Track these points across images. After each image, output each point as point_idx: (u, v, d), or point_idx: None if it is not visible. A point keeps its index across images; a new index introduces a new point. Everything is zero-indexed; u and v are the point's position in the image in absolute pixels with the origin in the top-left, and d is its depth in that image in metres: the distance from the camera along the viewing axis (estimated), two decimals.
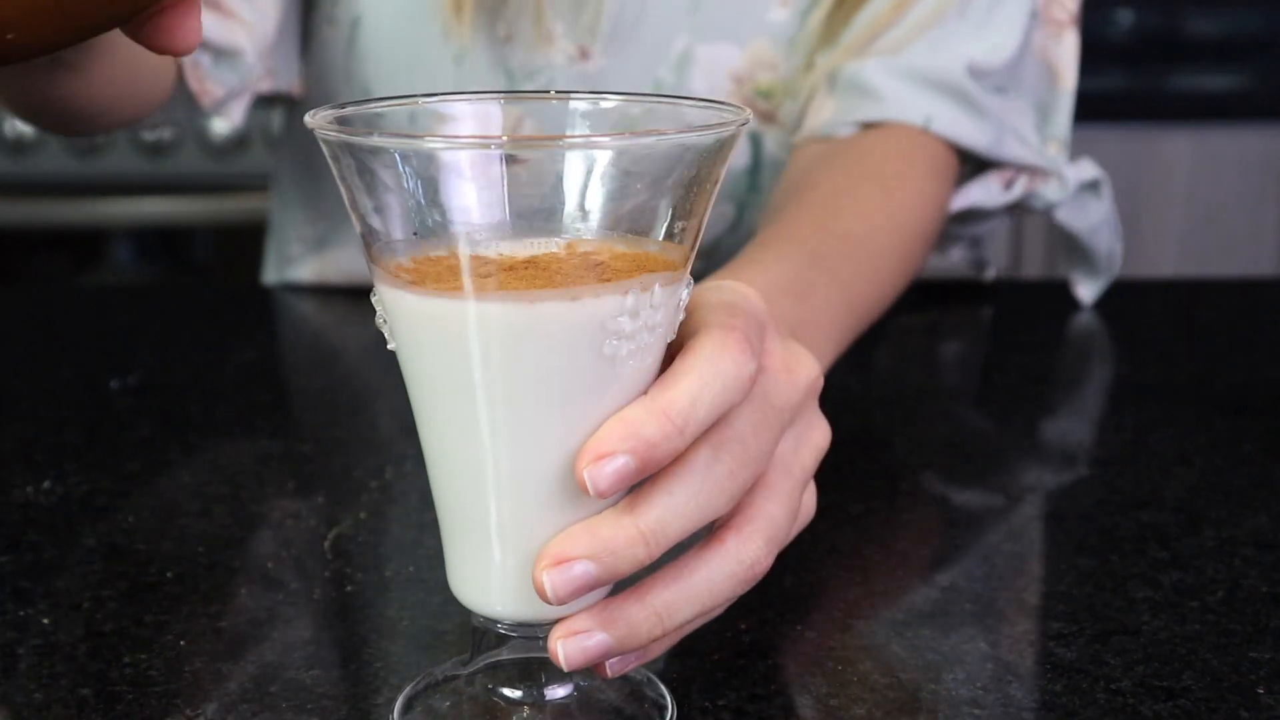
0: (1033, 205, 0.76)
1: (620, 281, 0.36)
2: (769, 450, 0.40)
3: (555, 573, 0.37)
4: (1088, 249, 0.80)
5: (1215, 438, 0.64)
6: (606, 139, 0.37)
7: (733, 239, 0.83)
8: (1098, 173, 0.79)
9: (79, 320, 0.84)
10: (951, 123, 0.72)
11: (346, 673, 0.44)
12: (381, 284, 0.38)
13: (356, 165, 0.37)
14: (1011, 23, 0.75)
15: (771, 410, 0.40)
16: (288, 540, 0.54)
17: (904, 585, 0.50)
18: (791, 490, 0.41)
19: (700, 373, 0.37)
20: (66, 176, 1.60)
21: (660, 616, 0.38)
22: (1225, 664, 0.45)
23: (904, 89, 0.72)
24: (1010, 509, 0.58)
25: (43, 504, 0.57)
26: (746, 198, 0.81)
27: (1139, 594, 0.50)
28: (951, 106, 0.72)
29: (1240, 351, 0.78)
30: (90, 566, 0.51)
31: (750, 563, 0.39)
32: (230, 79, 0.73)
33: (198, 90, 0.71)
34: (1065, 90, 0.79)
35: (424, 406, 0.39)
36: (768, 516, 0.40)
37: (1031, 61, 0.78)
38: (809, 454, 0.43)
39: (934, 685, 0.44)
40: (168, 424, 0.66)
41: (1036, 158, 0.75)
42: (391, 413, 0.67)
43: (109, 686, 0.43)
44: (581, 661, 0.38)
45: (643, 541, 0.37)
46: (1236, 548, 0.53)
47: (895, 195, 0.68)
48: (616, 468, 0.36)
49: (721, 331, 0.38)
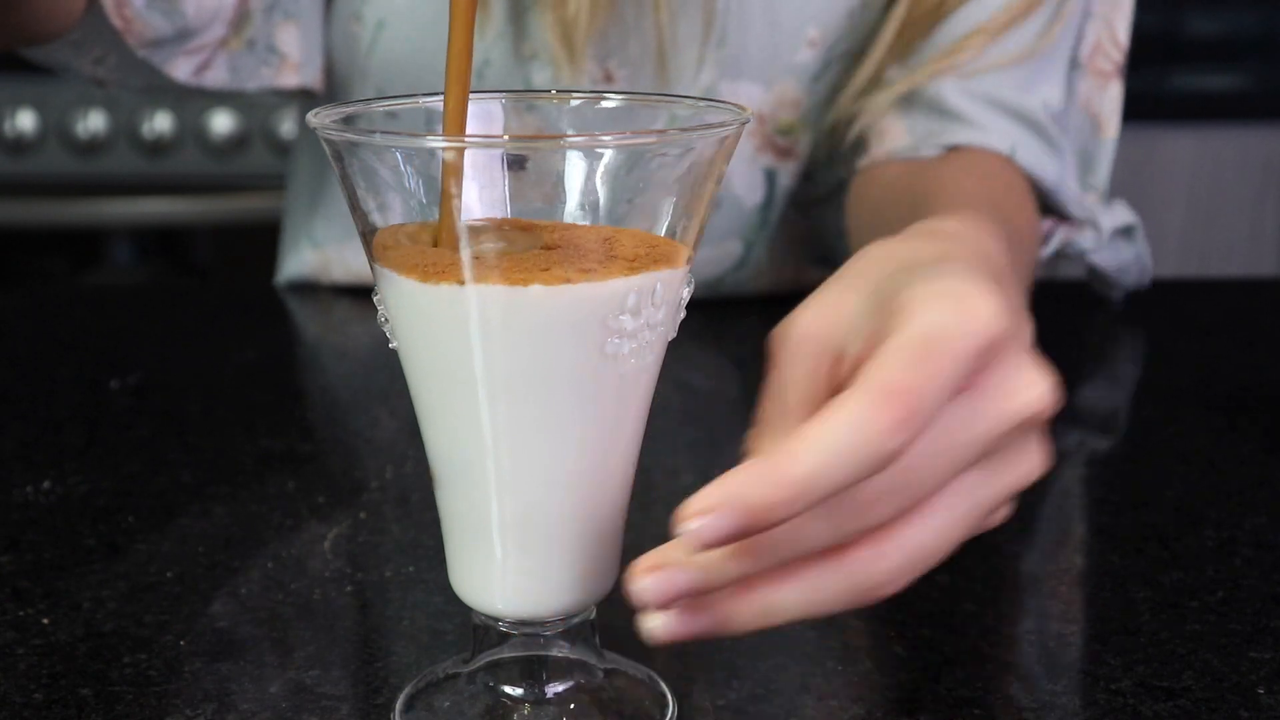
0: (1067, 253, 0.76)
1: (622, 279, 0.36)
2: (937, 484, 0.34)
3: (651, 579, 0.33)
4: (1113, 282, 0.79)
5: (1215, 437, 0.65)
6: (609, 138, 0.37)
7: (737, 275, 0.83)
8: (1131, 217, 0.78)
9: (79, 320, 0.84)
10: (1033, 155, 0.70)
11: (347, 672, 0.44)
12: (383, 279, 0.38)
13: (359, 165, 0.37)
14: (1059, 73, 0.74)
15: (957, 446, 0.34)
16: (288, 540, 0.54)
17: None
18: (955, 523, 0.35)
19: (835, 442, 0.32)
20: (65, 176, 1.59)
21: (763, 613, 0.35)
22: (1225, 664, 0.45)
23: (990, 116, 0.71)
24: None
25: (42, 504, 0.57)
26: (755, 235, 0.81)
27: (1139, 594, 0.50)
28: (1033, 139, 0.71)
29: (1240, 351, 0.78)
30: (90, 566, 0.51)
31: (873, 586, 0.35)
32: (161, 25, 0.70)
33: (121, 26, 0.69)
34: (1108, 140, 0.79)
35: (426, 403, 0.39)
36: (917, 544, 0.35)
37: (1076, 110, 0.78)
38: (1002, 487, 0.36)
39: (934, 685, 0.44)
40: (168, 424, 0.66)
41: (1078, 209, 0.74)
42: (392, 413, 0.67)
43: (109, 686, 0.43)
44: (665, 635, 0.34)
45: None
46: (1236, 547, 0.53)
47: (1025, 209, 0.67)
48: (714, 528, 0.32)
49: (882, 394, 0.32)
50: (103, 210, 1.61)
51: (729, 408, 0.70)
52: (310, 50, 0.79)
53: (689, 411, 0.68)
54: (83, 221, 1.62)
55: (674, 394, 0.69)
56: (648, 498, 0.57)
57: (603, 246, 0.36)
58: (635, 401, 0.39)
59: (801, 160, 0.79)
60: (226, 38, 0.75)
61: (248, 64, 0.77)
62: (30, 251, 1.73)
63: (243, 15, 0.75)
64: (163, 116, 1.58)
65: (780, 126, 0.78)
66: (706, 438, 0.65)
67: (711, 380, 0.74)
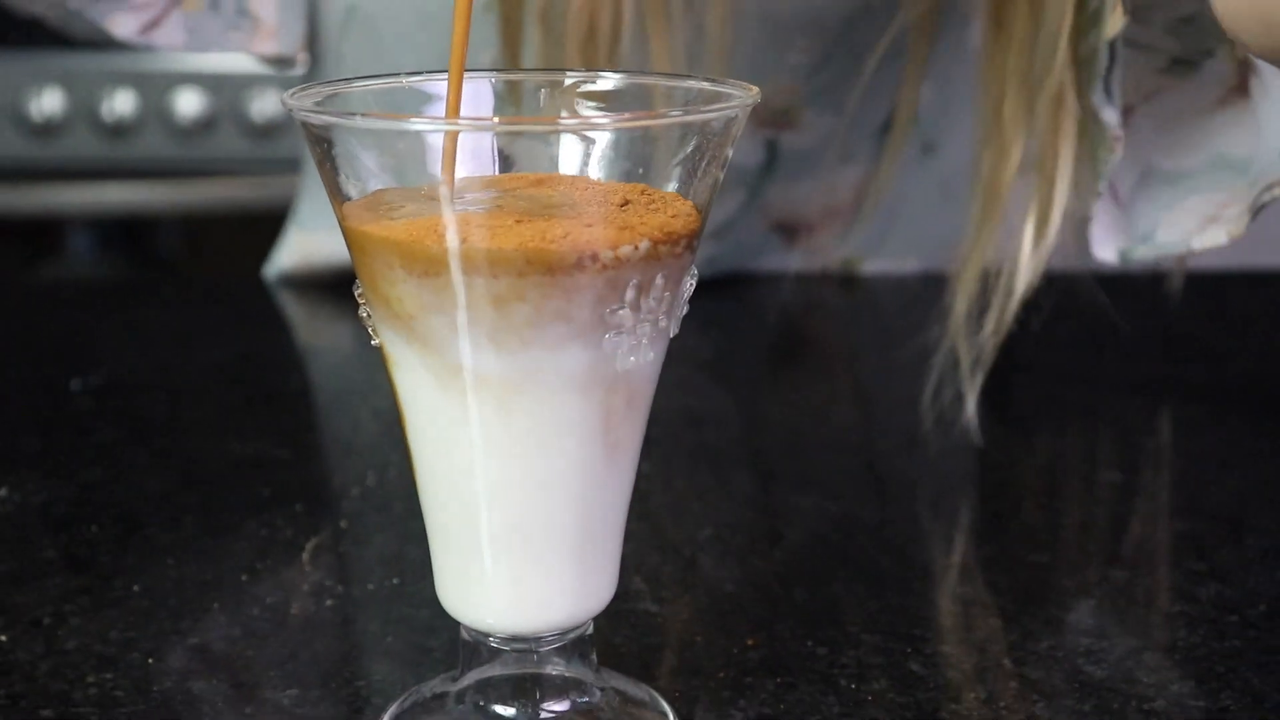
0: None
1: (620, 271, 0.36)
2: None
3: None
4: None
5: (1259, 441, 0.65)
6: (605, 119, 0.37)
7: (747, 220, 0.83)
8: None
9: (34, 317, 0.84)
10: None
11: (327, 692, 0.44)
12: (363, 269, 0.38)
13: (338, 148, 0.37)
14: None
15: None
16: (262, 551, 0.54)
17: (922, 598, 0.51)
18: None
19: None
20: (17, 161, 1.59)
21: None
22: (1268, 683, 0.45)
23: None
24: (1035, 517, 0.59)
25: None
26: (760, 181, 0.81)
27: (1174, 608, 0.50)
28: None
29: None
30: (50, 580, 0.51)
31: None
32: None
33: None
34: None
35: (411, 405, 0.39)
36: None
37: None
38: None
39: (954, 705, 0.44)
40: (132, 428, 0.66)
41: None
42: (375, 414, 0.68)
43: (72, 708, 0.43)
44: None
45: None
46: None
47: None
48: None
49: None
50: (59, 198, 1.61)
51: (735, 411, 0.71)
52: (288, 15, 0.78)
53: (691, 414, 0.68)
54: (37, 210, 1.62)
55: (675, 396, 0.69)
56: (646, 506, 0.58)
57: (600, 236, 0.36)
58: (633, 402, 0.39)
59: (806, 130, 0.79)
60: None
61: (211, 26, 0.76)
62: None
63: None
64: (124, 96, 1.57)
65: (776, 108, 0.78)
66: (710, 443, 0.65)
67: (716, 381, 0.75)
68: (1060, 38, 0.58)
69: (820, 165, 0.82)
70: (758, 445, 0.65)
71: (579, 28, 0.62)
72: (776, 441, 0.66)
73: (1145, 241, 0.65)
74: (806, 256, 0.87)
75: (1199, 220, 0.64)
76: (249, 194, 1.57)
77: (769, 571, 0.52)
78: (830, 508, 0.58)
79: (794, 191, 0.83)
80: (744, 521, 0.57)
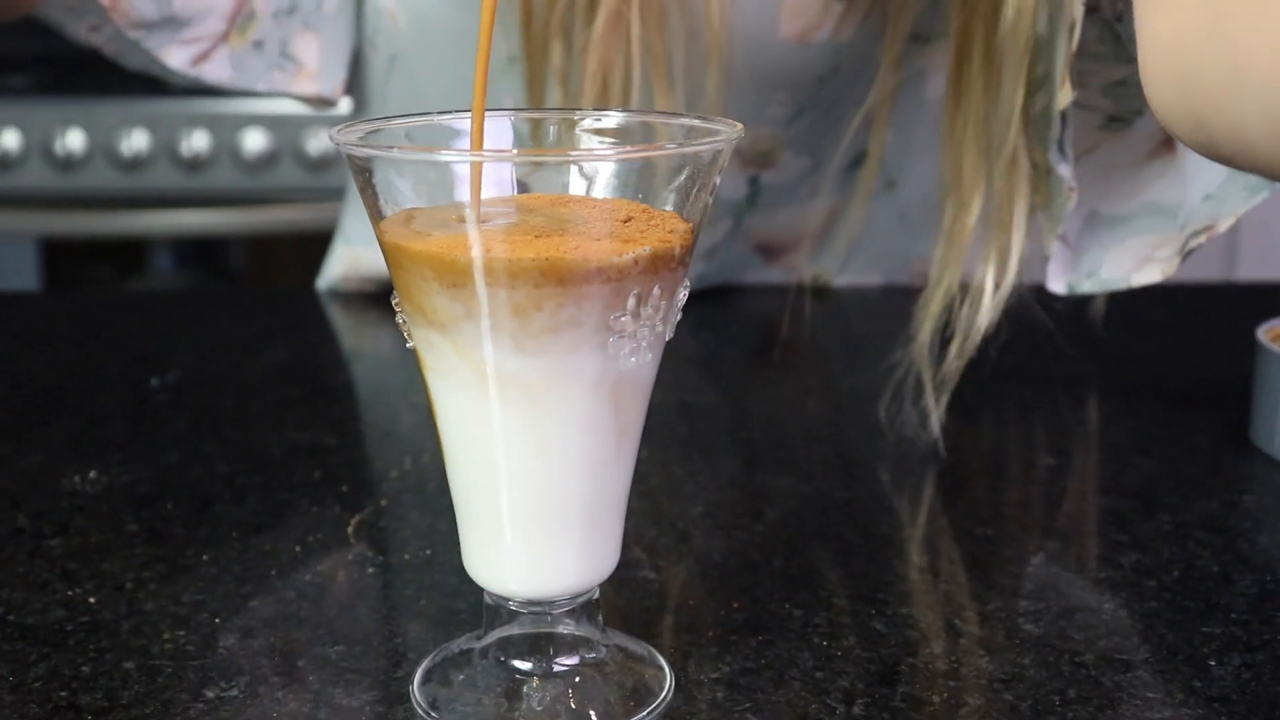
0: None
1: (623, 281, 0.36)
2: None
3: None
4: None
5: (1171, 430, 0.64)
6: (611, 152, 0.37)
7: (732, 243, 0.83)
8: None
9: (123, 323, 0.84)
10: None
11: (369, 648, 0.44)
12: (401, 283, 0.38)
13: (378, 176, 0.37)
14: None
15: None
16: (314, 526, 0.53)
17: (884, 567, 0.50)
18: None
19: None
20: (112, 191, 1.59)
21: None
22: (1180, 638, 0.45)
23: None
24: (982, 496, 0.58)
25: (89, 492, 0.56)
26: (744, 211, 0.81)
27: (1100, 574, 0.50)
28: None
29: (1193, 351, 0.78)
30: (132, 550, 0.51)
31: None
32: (147, 8, 0.68)
33: (107, 4, 0.66)
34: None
35: (441, 400, 0.39)
36: None
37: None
38: None
39: (912, 659, 0.43)
40: (203, 419, 0.66)
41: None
42: (411, 408, 0.67)
43: (150, 661, 0.43)
44: None
45: None
46: (1190, 531, 0.53)
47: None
48: None
49: None
50: (145, 222, 1.61)
51: (722, 404, 0.70)
52: (330, 63, 0.77)
53: (684, 407, 0.68)
54: (127, 233, 1.62)
55: (671, 391, 0.69)
56: (645, 486, 0.57)
57: (606, 250, 0.36)
58: (634, 396, 0.39)
59: (783, 169, 0.79)
60: (226, 33, 0.72)
61: (255, 65, 0.74)
62: (80, 260, 1.73)
63: (245, 15, 0.72)
64: (200, 135, 1.58)
65: (758, 151, 0.77)
66: (701, 432, 0.65)
67: (706, 379, 0.74)
68: (1014, 110, 0.57)
69: (795, 198, 0.81)
70: (742, 434, 0.65)
71: (594, 87, 0.62)
72: (758, 430, 0.65)
73: (1090, 277, 0.65)
74: (783, 272, 0.87)
75: (1137, 260, 0.64)
76: (304, 218, 1.57)
77: (751, 543, 0.52)
78: (804, 488, 0.57)
79: (773, 219, 0.83)
80: (730, 500, 0.57)
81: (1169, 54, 0.38)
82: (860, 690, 0.41)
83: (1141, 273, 0.64)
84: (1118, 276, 0.65)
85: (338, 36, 0.77)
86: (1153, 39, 0.39)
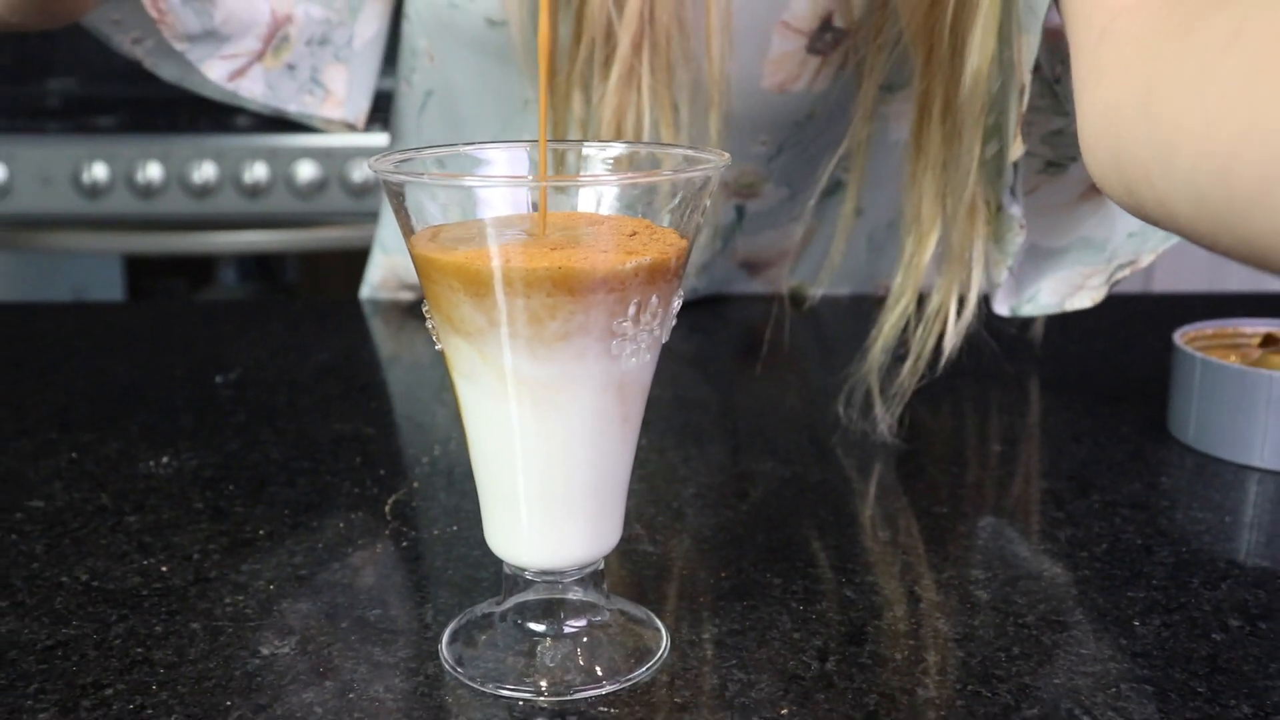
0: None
1: (626, 290, 0.35)
2: None
3: None
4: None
5: (1099, 421, 0.64)
6: (615, 177, 0.36)
7: (721, 260, 0.83)
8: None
9: (192, 329, 0.83)
10: None
11: (403, 611, 0.43)
12: (430, 294, 0.37)
13: (412, 200, 0.36)
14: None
15: None
16: (355, 505, 0.53)
17: (853, 540, 0.50)
18: None
19: None
20: (185, 215, 1.59)
21: None
22: (1108, 602, 0.44)
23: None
24: (938, 479, 0.58)
25: (162, 475, 0.56)
26: (731, 233, 0.81)
27: (1041, 546, 0.49)
28: None
29: (1119, 353, 0.77)
30: (199, 526, 0.51)
31: None
32: (192, 22, 0.65)
33: (156, 18, 0.64)
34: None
35: (466, 396, 0.38)
36: None
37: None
38: None
39: (877, 621, 0.43)
40: (260, 412, 0.65)
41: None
42: (440, 403, 0.67)
43: (213, 622, 0.43)
44: None
45: None
46: (1117, 509, 0.53)
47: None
48: None
49: None
50: (213, 242, 1.61)
51: (712, 399, 0.70)
52: (355, 93, 0.75)
53: (679, 401, 0.67)
54: (197, 250, 1.62)
55: (667, 387, 0.69)
56: (645, 470, 0.57)
57: (610, 261, 0.35)
58: (634, 393, 0.38)
59: (765, 199, 0.78)
60: (262, 52, 0.70)
61: (287, 86, 0.72)
62: (156, 275, 1.73)
63: (280, 38, 0.70)
64: (260, 166, 1.57)
65: (743, 184, 0.77)
66: (694, 422, 0.64)
67: (698, 376, 0.74)
68: (973, 162, 0.57)
69: (775, 223, 0.81)
70: (730, 424, 0.65)
71: (609, 132, 0.62)
72: (743, 421, 0.65)
73: (1030, 301, 0.66)
74: (766, 284, 0.87)
75: (1070, 288, 0.65)
76: (348, 237, 1.57)
77: (738, 520, 0.51)
78: (784, 471, 0.57)
79: (756, 240, 0.82)
80: (719, 482, 0.56)
81: (1105, 125, 0.37)
82: (832, 649, 0.41)
83: (1074, 299, 0.65)
84: (1053, 302, 0.66)
85: (364, 71, 0.75)
86: (1089, 108, 0.38)
